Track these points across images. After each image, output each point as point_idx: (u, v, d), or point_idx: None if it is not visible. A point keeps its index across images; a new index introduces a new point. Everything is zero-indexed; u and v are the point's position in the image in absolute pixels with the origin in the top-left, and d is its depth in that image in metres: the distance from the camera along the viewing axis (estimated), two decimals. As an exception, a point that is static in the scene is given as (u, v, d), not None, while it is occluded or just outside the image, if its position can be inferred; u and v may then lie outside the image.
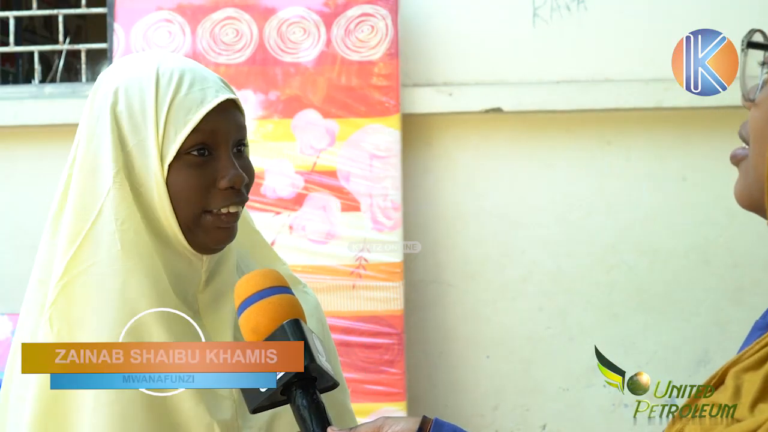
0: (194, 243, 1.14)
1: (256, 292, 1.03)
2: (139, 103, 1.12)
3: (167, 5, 3.16)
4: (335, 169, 3.05)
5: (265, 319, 1.02)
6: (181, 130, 1.10)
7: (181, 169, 1.11)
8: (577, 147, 3.23)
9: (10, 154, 3.41)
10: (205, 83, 1.14)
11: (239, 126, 1.16)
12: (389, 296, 2.99)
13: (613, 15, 3.19)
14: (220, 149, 1.14)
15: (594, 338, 3.17)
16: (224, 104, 1.13)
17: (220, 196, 1.13)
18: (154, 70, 1.13)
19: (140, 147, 1.12)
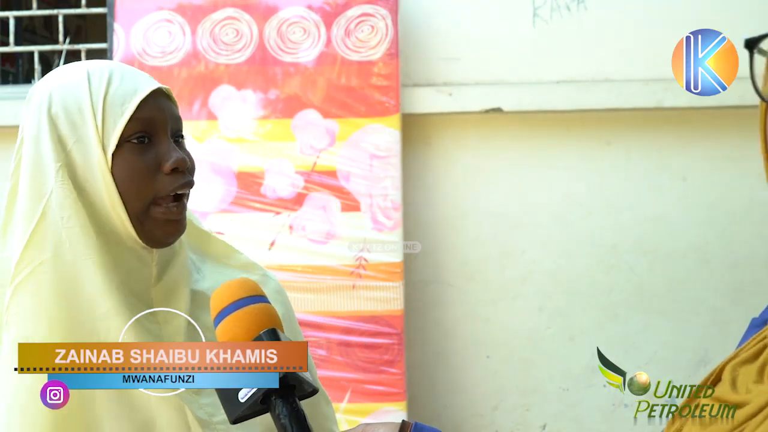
0: (145, 236, 1.15)
1: (232, 303, 1.03)
2: (74, 102, 1.14)
3: (167, 5, 3.16)
4: (335, 169, 3.05)
5: (242, 330, 1.02)
6: (119, 119, 1.13)
7: (124, 158, 1.13)
8: (577, 147, 3.23)
9: (10, 155, 3.40)
10: (135, 75, 1.18)
11: (175, 116, 1.20)
12: (389, 296, 2.99)
13: (613, 15, 3.19)
14: (159, 136, 1.16)
15: (594, 338, 3.17)
16: (157, 94, 1.17)
17: (167, 180, 1.15)
18: (84, 71, 1.16)
19: (80, 144, 1.13)
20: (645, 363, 3.17)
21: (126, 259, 1.15)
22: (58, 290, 1.11)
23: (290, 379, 1.01)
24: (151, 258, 1.18)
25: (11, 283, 1.12)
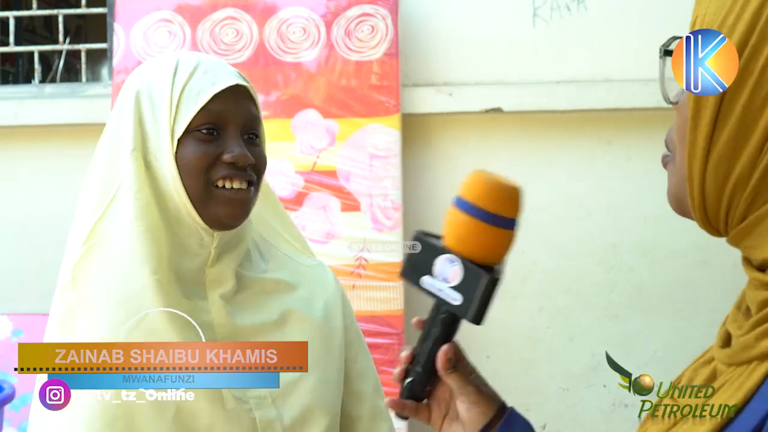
0: (207, 217, 1.21)
1: (494, 213, 0.95)
2: (158, 87, 1.22)
3: (167, 5, 3.16)
4: (335, 169, 3.06)
5: (479, 246, 0.94)
6: (192, 108, 1.20)
7: (189, 144, 1.20)
8: (577, 147, 3.23)
9: (10, 154, 3.41)
10: (219, 70, 1.24)
11: (250, 113, 1.25)
12: (389, 296, 2.99)
13: (613, 15, 3.19)
14: (228, 130, 1.22)
15: (594, 338, 3.17)
16: (236, 90, 1.23)
17: (223, 168, 1.20)
18: (176, 59, 1.25)
19: (155, 126, 1.21)
20: (645, 363, 3.16)
21: (185, 240, 1.22)
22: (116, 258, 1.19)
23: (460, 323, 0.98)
24: (211, 240, 1.23)
25: (84, 244, 1.21)
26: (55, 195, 3.37)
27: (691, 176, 0.82)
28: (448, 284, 0.94)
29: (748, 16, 0.77)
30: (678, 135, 0.85)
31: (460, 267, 0.94)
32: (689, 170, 0.82)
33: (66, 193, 3.35)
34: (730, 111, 0.78)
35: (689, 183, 0.82)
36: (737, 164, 0.78)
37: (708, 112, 0.79)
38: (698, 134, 0.80)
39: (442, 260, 0.94)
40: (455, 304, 0.94)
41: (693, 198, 0.83)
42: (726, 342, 0.84)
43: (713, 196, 0.81)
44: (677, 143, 0.85)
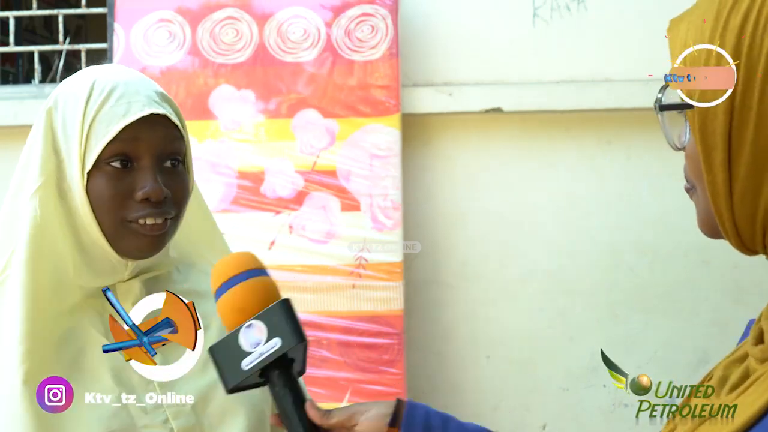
0: (120, 250, 1.17)
1: (238, 274, 1.04)
2: (71, 113, 1.16)
3: (167, 5, 3.16)
4: (335, 169, 3.05)
5: (254, 298, 1.03)
6: (101, 140, 1.14)
7: (100, 178, 1.15)
8: (577, 147, 3.23)
9: (10, 154, 3.39)
10: (134, 97, 1.17)
11: (167, 139, 1.18)
12: (389, 296, 2.99)
13: (613, 15, 3.19)
14: (142, 161, 1.16)
15: (594, 338, 3.17)
16: (151, 118, 1.16)
17: (137, 207, 1.16)
18: (91, 81, 1.18)
19: (68, 154, 1.16)
20: (645, 363, 3.16)
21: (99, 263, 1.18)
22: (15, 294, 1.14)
23: (291, 353, 1.02)
24: (123, 268, 1.20)
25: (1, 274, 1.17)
26: (55, 195, 3.37)
27: (719, 211, 0.82)
28: (261, 342, 1.00)
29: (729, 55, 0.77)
30: (694, 175, 0.86)
31: (256, 322, 1.00)
32: (715, 206, 0.82)
33: (66, 193, 3.35)
34: (740, 148, 0.78)
35: (719, 217, 0.83)
36: (763, 192, 0.79)
37: (719, 153, 0.79)
38: (715, 175, 0.80)
39: (243, 334, 1.00)
40: (281, 346, 1.00)
41: (726, 230, 0.83)
42: (760, 339, 0.84)
43: (746, 225, 0.81)
44: (695, 182, 0.86)
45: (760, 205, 0.79)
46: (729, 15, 0.78)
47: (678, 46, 0.83)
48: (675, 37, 0.84)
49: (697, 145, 0.81)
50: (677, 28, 0.84)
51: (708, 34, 0.79)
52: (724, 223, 0.83)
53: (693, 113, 0.81)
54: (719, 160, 0.80)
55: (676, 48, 0.83)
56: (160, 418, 1.16)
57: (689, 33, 0.81)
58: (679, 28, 0.84)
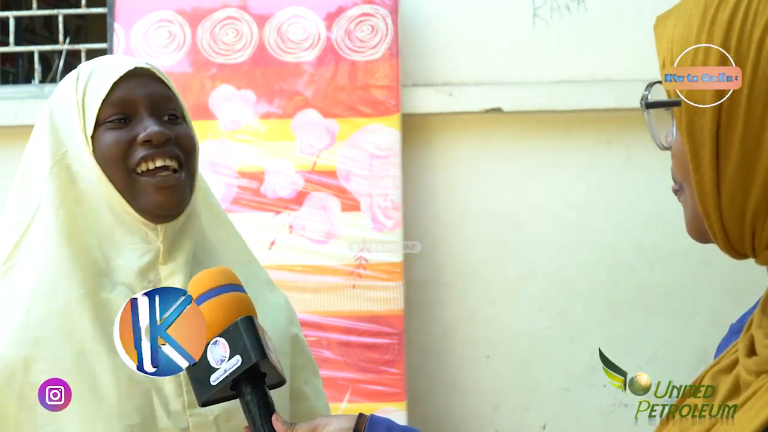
0: (141, 210, 1.18)
1: (210, 289, 1.07)
2: (65, 98, 1.22)
3: (167, 5, 3.16)
4: (335, 169, 3.05)
5: (219, 315, 1.05)
6: (95, 102, 1.18)
7: (102, 136, 1.18)
8: (577, 147, 3.23)
9: (10, 154, 3.39)
10: (115, 62, 1.24)
11: (159, 93, 1.22)
12: (389, 296, 2.99)
13: (613, 15, 3.19)
14: (138, 115, 1.19)
15: (594, 338, 3.17)
16: (139, 75, 1.21)
17: (140, 150, 1.17)
18: (77, 69, 1.24)
19: (70, 132, 1.20)
20: (645, 363, 3.16)
21: (129, 237, 1.19)
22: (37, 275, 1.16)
23: (261, 367, 1.05)
24: (156, 234, 1.19)
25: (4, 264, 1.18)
26: (55, 195, 3.37)
27: (707, 213, 0.81)
28: (225, 359, 1.03)
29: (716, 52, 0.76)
30: (682, 175, 0.85)
31: (220, 339, 1.04)
32: (703, 207, 0.81)
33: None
34: (729, 146, 0.77)
35: (706, 219, 0.81)
36: (752, 192, 0.77)
37: (707, 152, 0.78)
38: (703, 175, 0.79)
39: (209, 351, 1.04)
40: (240, 364, 1.03)
41: (714, 232, 0.82)
42: (751, 349, 0.82)
43: (734, 227, 0.79)
44: (683, 182, 0.85)
45: (749, 205, 0.77)
46: (717, 10, 0.77)
47: (665, 42, 0.82)
48: (662, 34, 0.83)
49: (685, 144, 0.80)
50: (664, 25, 0.83)
51: (696, 30, 0.78)
52: (712, 225, 0.81)
53: (680, 110, 0.80)
54: (707, 159, 0.78)
55: (662, 45, 0.82)
56: (181, 424, 1.16)
57: (676, 29, 0.80)
58: (665, 24, 0.82)
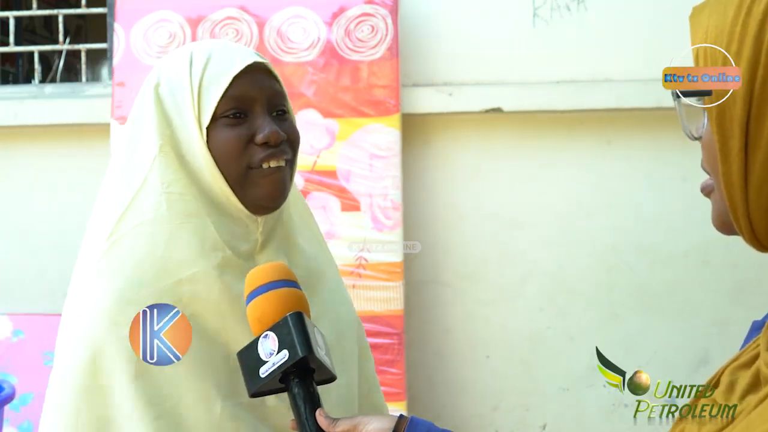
0: (247, 202, 1.21)
1: (265, 284, 1.10)
2: (177, 82, 1.22)
3: (167, 5, 3.16)
4: (335, 169, 3.05)
5: (270, 310, 1.09)
6: (214, 95, 1.19)
7: (219, 131, 1.20)
8: (577, 147, 3.23)
9: (10, 154, 3.41)
10: (233, 53, 1.24)
11: (273, 90, 1.25)
12: (389, 296, 2.99)
13: (613, 15, 3.19)
14: (254, 111, 1.22)
15: (594, 338, 3.17)
16: (255, 70, 1.22)
17: (259, 150, 1.20)
18: (189, 52, 1.24)
19: (181, 119, 1.21)
20: (645, 363, 3.16)
21: (232, 227, 1.21)
22: (149, 250, 1.18)
23: (310, 362, 1.07)
24: (256, 226, 1.23)
25: (111, 237, 1.19)
26: (55, 195, 3.37)
27: (733, 204, 0.81)
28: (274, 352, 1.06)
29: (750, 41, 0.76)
30: (710, 167, 0.84)
31: (270, 333, 1.07)
32: (730, 199, 0.81)
33: (66, 193, 3.35)
34: (759, 136, 0.77)
35: (732, 210, 0.81)
36: None
37: (736, 142, 0.78)
38: (731, 165, 0.79)
39: (260, 343, 1.08)
40: (287, 359, 1.05)
41: (740, 223, 0.82)
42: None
43: (761, 219, 0.80)
44: (711, 174, 0.85)
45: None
46: (753, 2, 0.77)
47: (700, 32, 0.81)
48: (697, 24, 0.82)
49: (714, 134, 0.80)
50: (699, 15, 0.83)
51: (731, 20, 0.78)
52: (738, 217, 0.81)
53: (711, 100, 0.80)
54: (736, 150, 0.78)
55: (697, 35, 0.82)
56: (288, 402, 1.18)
57: (711, 19, 0.80)
58: (701, 14, 0.82)
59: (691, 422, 0.85)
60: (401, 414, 1.11)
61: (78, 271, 1.23)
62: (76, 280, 1.22)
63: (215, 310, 1.17)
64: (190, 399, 1.14)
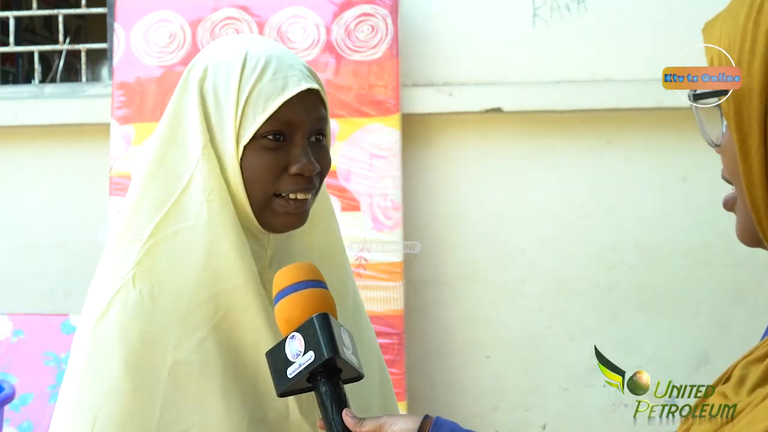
0: (262, 222, 1.18)
1: (291, 284, 1.10)
2: (224, 83, 1.16)
3: (167, 5, 3.16)
4: (335, 169, 3.05)
5: (297, 311, 1.09)
6: (259, 115, 1.14)
7: (255, 152, 1.15)
8: (577, 147, 3.23)
9: (10, 154, 3.41)
10: (289, 71, 1.17)
11: (319, 117, 1.20)
12: (389, 296, 2.99)
13: (613, 15, 3.19)
14: (295, 137, 1.17)
15: (594, 338, 3.17)
16: (305, 94, 1.17)
17: (290, 181, 1.16)
18: (243, 53, 1.17)
19: (220, 125, 1.16)
20: (645, 363, 3.16)
21: (249, 240, 1.18)
22: (190, 259, 1.14)
23: (336, 362, 1.07)
24: (267, 241, 1.22)
25: (147, 241, 1.14)
26: (55, 195, 3.37)
27: (755, 205, 0.80)
28: (300, 353, 1.06)
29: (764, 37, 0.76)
30: (730, 173, 0.84)
31: (297, 334, 1.08)
32: (751, 199, 0.80)
33: (66, 193, 3.35)
34: None
35: (755, 212, 0.80)
36: None
37: (755, 139, 0.78)
38: (752, 163, 0.78)
39: (287, 344, 1.08)
40: (313, 360, 1.06)
41: (763, 226, 0.81)
42: None
43: None
44: (733, 181, 0.84)
45: None
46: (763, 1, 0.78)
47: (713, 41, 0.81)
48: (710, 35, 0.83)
49: (732, 133, 0.79)
50: (712, 26, 0.83)
51: (742, 22, 0.78)
52: (761, 218, 0.80)
53: (728, 101, 0.79)
54: (755, 148, 0.78)
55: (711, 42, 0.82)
56: (310, 419, 1.18)
57: (723, 27, 0.80)
58: (713, 27, 0.83)
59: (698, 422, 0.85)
60: (426, 414, 1.12)
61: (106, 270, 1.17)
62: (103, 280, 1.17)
63: (251, 324, 1.16)
64: (218, 414, 1.12)
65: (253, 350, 1.16)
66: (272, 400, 1.16)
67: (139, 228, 1.15)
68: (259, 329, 1.15)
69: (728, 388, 0.84)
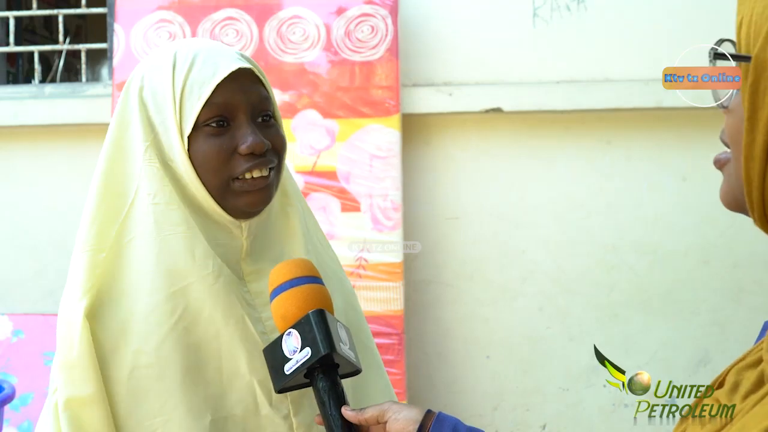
0: (229, 209, 1.19)
1: (288, 281, 1.11)
2: (160, 85, 1.18)
3: (167, 5, 3.16)
4: (335, 170, 3.05)
5: (293, 307, 1.09)
6: (196, 103, 1.16)
7: (200, 141, 1.17)
8: (577, 147, 3.23)
9: (10, 154, 3.41)
10: (218, 57, 1.19)
11: (258, 96, 1.21)
12: (389, 296, 2.99)
13: (613, 15, 3.19)
14: (238, 119, 1.18)
15: (594, 338, 3.17)
16: (240, 76, 1.18)
17: (242, 160, 1.17)
18: (173, 53, 1.20)
19: (163, 124, 1.18)
20: (645, 363, 3.16)
21: (216, 234, 1.19)
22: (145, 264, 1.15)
23: (333, 358, 1.08)
24: (240, 231, 1.21)
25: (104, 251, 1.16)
26: (55, 195, 3.37)
27: (749, 178, 0.79)
28: (297, 350, 1.06)
29: None
30: (732, 138, 0.83)
31: (293, 330, 1.08)
32: (746, 172, 0.79)
33: (66, 193, 3.35)
34: None
35: (747, 184, 0.79)
36: None
37: (765, 114, 0.76)
38: (756, 136, 0.77)
39: (284, 341, 1.08)
40: (310, 356, 1.06)
41: (752, 200, 0.80)
42: None
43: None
44: (732, 146, 0.83)
45: None
46: None
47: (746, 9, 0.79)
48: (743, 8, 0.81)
49: (744, 102, 0.77)
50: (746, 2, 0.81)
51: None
52: (752, 192, 0.79)
53: (747, 67, 0.78)
54: (763, 121, 0.76)
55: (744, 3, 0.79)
56: (282, 411, 1.18)
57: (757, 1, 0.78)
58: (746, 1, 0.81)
59: (692, 422, 0.85)
60: (429, 408, 1.12)
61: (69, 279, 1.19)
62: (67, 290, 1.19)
63: (208, 320, 1.15)
64: (180, 414, 1.12)
65: (213, 346, 1.16)
66: (239, 396, 1.16)
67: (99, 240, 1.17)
68: (217, 323, 1.15)
69: (722, 393, 0.84)
